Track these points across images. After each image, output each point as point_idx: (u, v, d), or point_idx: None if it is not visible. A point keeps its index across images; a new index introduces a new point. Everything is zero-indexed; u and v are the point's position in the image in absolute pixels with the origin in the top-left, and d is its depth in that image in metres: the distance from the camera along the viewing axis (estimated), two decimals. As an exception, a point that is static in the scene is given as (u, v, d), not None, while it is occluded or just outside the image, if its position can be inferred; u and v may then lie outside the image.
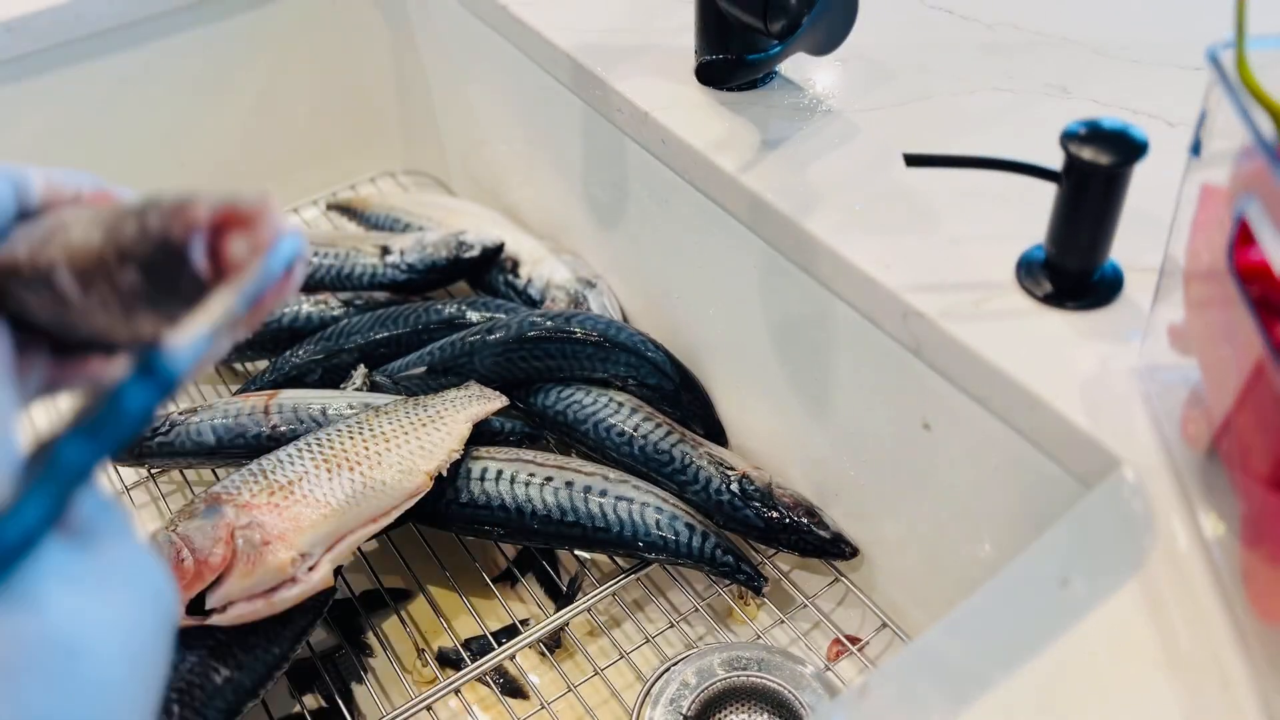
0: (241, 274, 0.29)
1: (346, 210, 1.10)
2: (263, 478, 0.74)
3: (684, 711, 0.71)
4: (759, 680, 0.73)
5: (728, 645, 0.76)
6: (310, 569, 0.71)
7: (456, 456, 0.79)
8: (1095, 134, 0.57)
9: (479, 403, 0.83)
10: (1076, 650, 0.48)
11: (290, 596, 0.71)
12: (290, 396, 0.85)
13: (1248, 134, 0.44)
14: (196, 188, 0.32)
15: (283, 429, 0.83)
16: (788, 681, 0.73)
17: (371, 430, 0.78)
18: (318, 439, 0.77)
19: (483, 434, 0.83)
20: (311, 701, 0.78)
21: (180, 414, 0.86)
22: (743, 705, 0.74)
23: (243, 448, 0.83)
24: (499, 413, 0.86)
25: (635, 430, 0.83)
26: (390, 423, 0.79)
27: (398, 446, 0.77)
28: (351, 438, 0.77)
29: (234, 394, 0.91)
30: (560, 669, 0.77)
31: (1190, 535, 0.51)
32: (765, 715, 0.73)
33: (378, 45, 1.10)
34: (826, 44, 0.71)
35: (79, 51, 0.94)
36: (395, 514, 0.75)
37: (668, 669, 0.74)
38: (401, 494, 0.75)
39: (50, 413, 0.86)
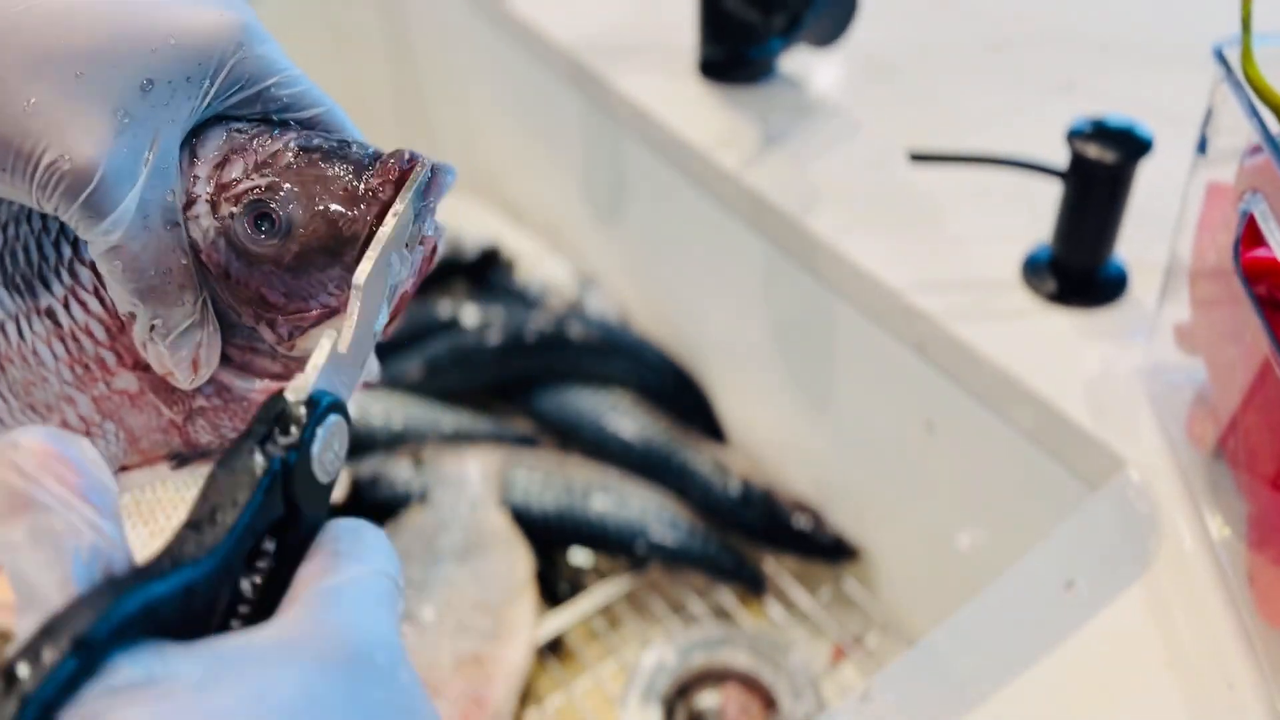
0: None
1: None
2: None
3: (660, 692, 0.71)
4: (735, 662, 0.72)
5: (710, 629, 0.75)
6: None
7: None
8: (1100, 131, 0.57)
9: None
10: (1081, 652, 0.48)
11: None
12: None
13: (1254, 131, 0.43)
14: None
15: None
16: (767, 664, 0.72)
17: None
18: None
19: (483, 436, 0.83)
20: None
21: None
22: (720, 686, 0.73)
23: None
24: (498, 413, 0.85)
25: (635, 430, 0.83)
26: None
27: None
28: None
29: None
30: (559, 671, 0.77)
31: (1196, 536, 0.51)
32: (743, 695, 0.73)
33: (372, 38, 1.10)
34: (829, 35, 0.71)
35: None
36: None
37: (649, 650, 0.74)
38: None
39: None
